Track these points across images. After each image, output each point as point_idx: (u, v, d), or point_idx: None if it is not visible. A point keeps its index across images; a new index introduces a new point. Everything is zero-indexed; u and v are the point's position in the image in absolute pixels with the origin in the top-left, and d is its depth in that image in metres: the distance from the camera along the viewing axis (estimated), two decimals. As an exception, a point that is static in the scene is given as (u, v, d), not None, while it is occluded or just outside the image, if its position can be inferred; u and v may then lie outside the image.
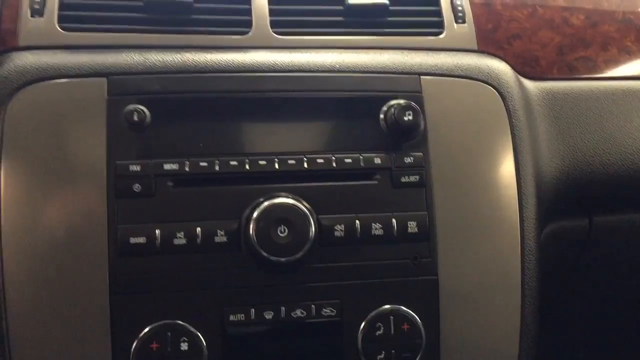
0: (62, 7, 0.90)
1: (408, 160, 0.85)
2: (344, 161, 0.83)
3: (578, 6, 1.08)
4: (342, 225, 0.81)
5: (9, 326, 0.75)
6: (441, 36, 0.98)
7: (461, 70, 0.92)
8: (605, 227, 1.08)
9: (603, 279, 1.27)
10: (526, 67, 1.01)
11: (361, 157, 0.84)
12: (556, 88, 1.00)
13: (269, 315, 0.80)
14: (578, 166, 0.97)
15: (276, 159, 0.82)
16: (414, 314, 0.83)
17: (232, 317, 0.79)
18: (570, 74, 1.03)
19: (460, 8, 1.01)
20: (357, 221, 0.82)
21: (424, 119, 0.87)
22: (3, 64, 0.82)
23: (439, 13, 1.00)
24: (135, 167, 0.79)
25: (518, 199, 0.88)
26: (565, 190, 0.97)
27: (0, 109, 0.79)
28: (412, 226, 0.83)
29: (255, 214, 0.78)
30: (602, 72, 1.05)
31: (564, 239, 1.06)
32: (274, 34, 0.93)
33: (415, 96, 0.87)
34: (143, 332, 0.77)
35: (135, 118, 0.80)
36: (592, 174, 0.98)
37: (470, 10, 1.01)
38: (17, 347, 0.76)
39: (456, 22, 1.00)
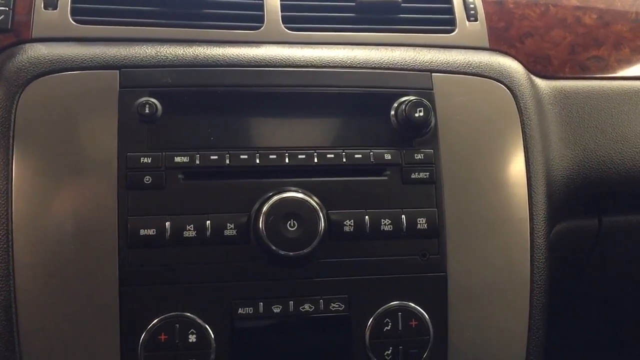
0: None
1: (418, 156, 0.85)
2: (354, 157, 0.84)
3: (591, 5, 1.07)
4: (352, 221, 0.81)
5: (18, 315, 0.76)
6: (453, 34, 0.98)
7: (472, 68, 0.92)
8: (615, 228, 1.07)
9: (611, 280, 1.27)
10: (538, 66, 1.01)
11: (371, 153, 0.84)
12: (568, 87, 1.00)
13: (277, 309, 0.80)
14: (589, 165, 0.97)
15: (286, 154, 0.82)
16: (422, 311, 0.83)
17: (240, 311, 0.79)
18: (582, 73, 1.03)
19: (472, 6, 1.00)
20: (366, 217, 0.82)
21: (435, 116, 0.86)
22: (16, 55, 0.83)
23: (451, 11, 1.00)
24: (146, 159, 0.79)
25: (528, 197, 0.88)
26: (576, 190, 0.96)
27: (13, 100, 0.79)
28: (422, 222, 0.83)
29: (265, 208, 0.79)
30: (614, 72, 1.05)
31: (573, 239, 1.05)
32: (286, 29, 0.93)
33: (427, 93, 0.87)
34: (151, 324, 0.77)
35: (147, 110, 0.80)
36: (603, 174, 0.97)
37: (482, 8, 1.01)
38: (26, 335, 0.76)
39: (468, 19, 1.00)
